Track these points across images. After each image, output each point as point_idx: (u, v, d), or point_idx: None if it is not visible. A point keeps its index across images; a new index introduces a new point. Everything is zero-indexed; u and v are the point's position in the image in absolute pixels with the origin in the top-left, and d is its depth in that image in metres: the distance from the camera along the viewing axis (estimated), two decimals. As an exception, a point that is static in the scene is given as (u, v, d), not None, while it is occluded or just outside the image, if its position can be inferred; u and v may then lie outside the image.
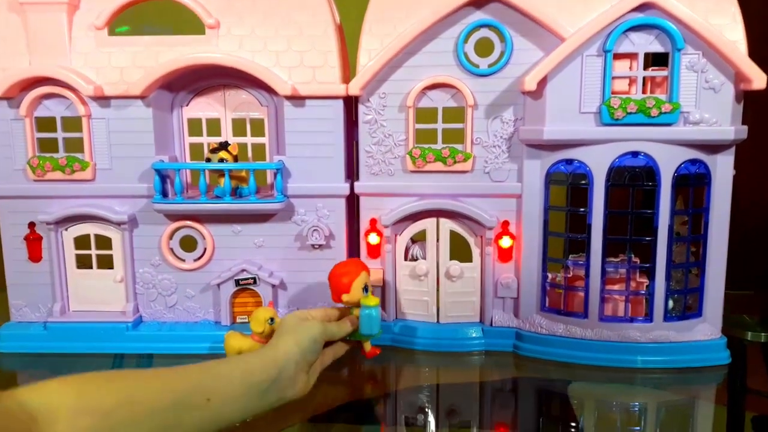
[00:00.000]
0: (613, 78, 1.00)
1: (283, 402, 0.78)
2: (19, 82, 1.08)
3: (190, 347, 1.12)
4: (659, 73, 1.00)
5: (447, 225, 1.13)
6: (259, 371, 0.75)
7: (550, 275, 1.11)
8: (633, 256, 1.06)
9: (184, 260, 1.16)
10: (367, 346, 0.98)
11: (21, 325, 1.17)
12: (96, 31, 1.10)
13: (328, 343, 0.91)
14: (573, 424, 0.88)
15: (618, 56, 1.00)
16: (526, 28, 1.04)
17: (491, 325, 1.14)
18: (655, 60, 1.02)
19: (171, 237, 1.15)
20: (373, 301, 0.94)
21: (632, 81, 1.02)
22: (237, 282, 1.14)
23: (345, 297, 0.96)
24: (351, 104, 1.15)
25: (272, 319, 1.03)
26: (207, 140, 1.16)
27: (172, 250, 1.16)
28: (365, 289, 0.96)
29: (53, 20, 1.09)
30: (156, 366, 1.07)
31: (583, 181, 1.04)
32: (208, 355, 1.12)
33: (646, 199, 1.03)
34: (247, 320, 1.09)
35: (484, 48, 1.07)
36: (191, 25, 1.12)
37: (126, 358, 1.12)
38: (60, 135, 1.13)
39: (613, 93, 1.00)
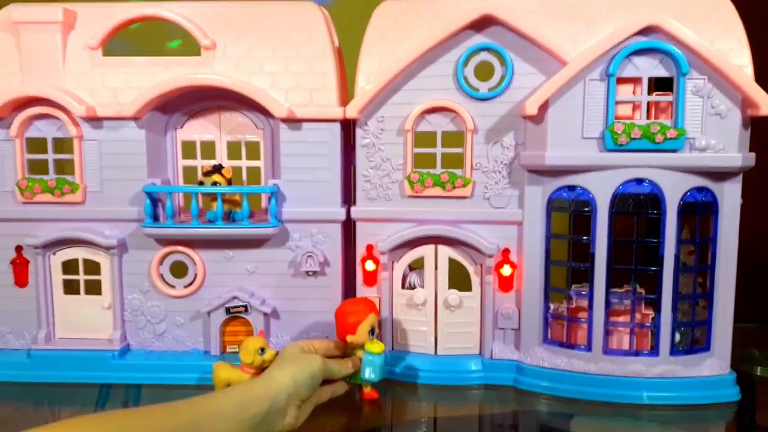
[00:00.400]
0: (617, 103, 0.97)
1: None
2: (11, 101, 1.06)
3: (178, 377, 1.08)
4: (664, 98, 0.98)
5: (446, 252, 1.10)
6: (251, 404, 0.74)
7: (552, 306, 1.07)
8: (638, 286, 1.03)
9: (174, 286, 1.13)
10: (367, 387, 0.96)
11: (4, 352, 1.13)
12: (90, 52, 1.08)
13: (326, 381, 0.89)
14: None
15: (621, 80, 0.98)
16: (528, 51, 1.02)
17: (491, 357, 1.10)
18: (660, 84, 1.00)
19: (161, 262, 1.12)
20: (378, 347, 0.92)
21: (636, 106, 0.99)
22: (228, 310, 1.10)
23: (350, 338, 0.94)
24: (348, 128, 1.13)
25: (263, 350, 1.00)
26: (201, 163, 1.14)
27: (161, 276, 1.13)
28: (372, 332, 0.94)
29: (47, 40, 1.07)
30: (144, 397, 1.05)
31: (586, 209, 1.01)
32: (196, 386, 1.08)
33: (651, 227, 1.00)
34: (237, 350, 1.05)
35: (484, 72, 1.05)
36: (187, 46, 1.10)
37: (113, 388, 1.08)
38: (51, 156, 1.11)
39: (616, 118, 0.97)
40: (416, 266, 1.12)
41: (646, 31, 0.95)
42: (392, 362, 1.10)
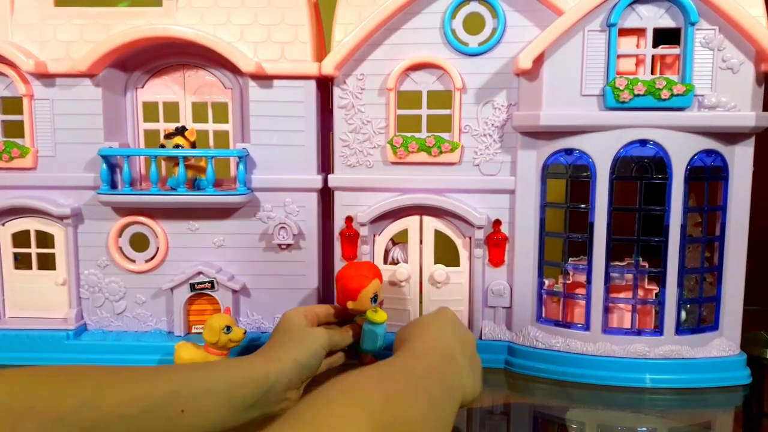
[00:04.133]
0: (619, 57, 0.89)
1: (264, 416, 0.69)
2: (-48, 56, 0.96)
3: (139, 359, 0.98)
4: (670, 51, 0.89)
5: (431, 224, 1.01)
6: (247, 384, 0.66)
7: (547, 282, 0.99)
8: (641, 259, 0.94)
9: (134, 261, 1.03)
10: (366, 357, 0.90)
11: (-52, 332, 1.03)
12: (40, 1, 0.98)
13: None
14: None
15: (624, 32, 0.89)
16: (522, 1, 0.94)
17: (481, 338, 1.01)
18: (664, 39, 0.91)
19: (120, 234, 1.02)
20: (381, 317, 0.85)
21: (640, 61, 0.91)
22: (192, 286, 1.01)
23: (351, 305, 0.87)
24: (326, 89, 1.04)
25: (228, 328, 0.91)
26: (164, 126, 1.04)
27: (121, 249, 1.03)
28: (374, 299, 0.86)
29: (-8, -11, 0.97)
30: None
31: (585, 174, 0.92)
32: (158, 368, 0.99)
33: (655, 194, 0.92)
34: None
35: (473, 24, 0.95)
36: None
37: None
38: (-2, 117, 1.02)
39: (618, 74, 0.88)
40: (399, 240, 1.04)
41: (651, -25, 0.86)
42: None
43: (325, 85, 1.03)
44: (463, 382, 0.67)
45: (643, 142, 0.89)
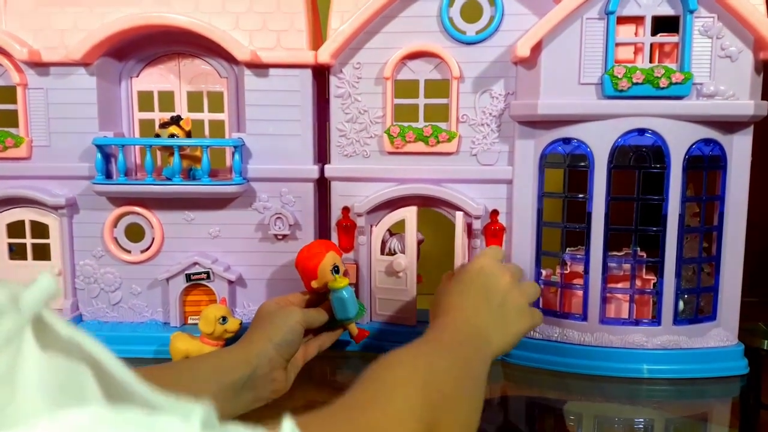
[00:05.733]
0: (617, 45, 0.88)
1: (261, 402, 0.72)
2: (-56, 44, 0.95)
3: (135, 350, 0.98)
4: (669, 39, 0.88)
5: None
6: (230, 369, 0.68)
7: (544, 272, 0.98)
8: (639, 249, 0.94)
9: (129, 251, 1.03)
10: (353, 330, 0.89)
11: (-58, 323, 1.02)
12: (34, -11, 0.97)
13: (311, 333, 0.84)
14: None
15: (622, 20, 0.88)
16: (520, -11, 0.93)
17: (477, 328, 1.00)
18: (662, 27, 0.90)
19: (115, 225, 1.02)
20: (342, 282, 0.85)
21: (638, 49, 0.90)
22: (188, 277, 1.00)
23: (314, 284, 0.86)
24: (322, 78, 1.03)
25: (224, 318, 0.91)
26: (159, 116, 1.03)
27: (116, 239, 1.02)
28: (335, 269, 0.86)
29: (-15, -24, 0.96)
30: None
31: (583, 163, 0.92)
32: (153, 359, 0.98)
33: (653, 183, 0.91)
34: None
35: (471, 12, 0.95)
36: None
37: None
38: (-9, 107, 1.01)
39: (616, 62, 0.88)
40: (397, 230, 1.03)
41: (650, -38, 0.86)
42: (372, 334, 1.00)
43: (321, 74, 1.02)
44: (490, 343, 0.69)
45: (642, 131, 0.89)
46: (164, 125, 0.97)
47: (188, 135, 0.98)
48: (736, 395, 0.91)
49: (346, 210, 1.01)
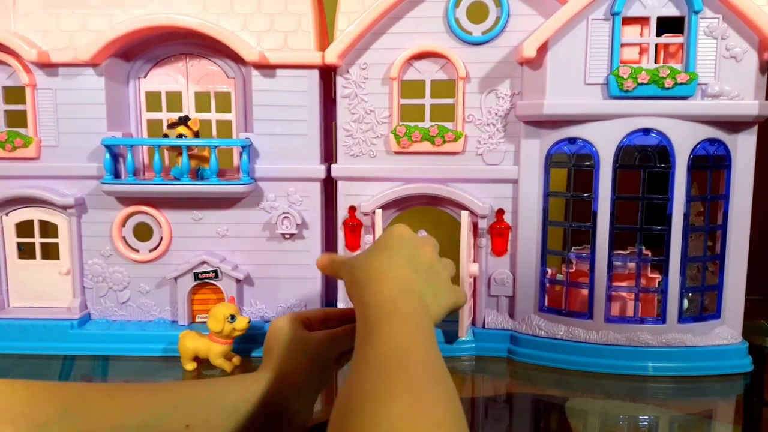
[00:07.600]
0: (622, 45, 0.89)
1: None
2: (-45, 45, 0.96)
3: (143, 348, 0.99)
4: (674, 39, 0.89)
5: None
6: (260, 401, 0.59)
7: (549, 270, 0.99)
8: (644, 248, 0.94)
9: (138, 251, 1.03)
10: None
11: (-48, 322, 1.03)
12: (43, -10, 0.98)
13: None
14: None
15: (627, 21, 0.89)
16: (525, -10, 0.94)
17: (483, 326, 1.01)
18: (668, 28, 0.91)
19: (123, 224, 1.02)
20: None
21: (643, 50, 0.91)
22: (196, 276, 1.01)
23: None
24: (329, 78, 1.03)
25: (233, 317, 0.92)
26: (167, 116, 1.04)
27: (124, 238, 1.03)
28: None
29: (-6, -22, 0.97)
30: (111, 370, 0.96)
31: (588, 163, 0.93)
32: (162, 357, 0.99)
33: (658, 183, 0.92)
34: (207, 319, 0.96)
35: (477, 13, 0.95)
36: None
37: (77, 360, 0.99)
38: (1, 107, 1.01)
39: (622, 63, 0.88)
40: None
41: (656, -37, 0.86)
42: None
43: (328, 75, 1.03)
44: (429, 313, 0.57)
45: (647, 131, 0.89)
46: (172, 125, 0.98)
47: (196, 135, 0.99)
48: (740, 393, 0.92)
49: (352, 209, 1.02)
